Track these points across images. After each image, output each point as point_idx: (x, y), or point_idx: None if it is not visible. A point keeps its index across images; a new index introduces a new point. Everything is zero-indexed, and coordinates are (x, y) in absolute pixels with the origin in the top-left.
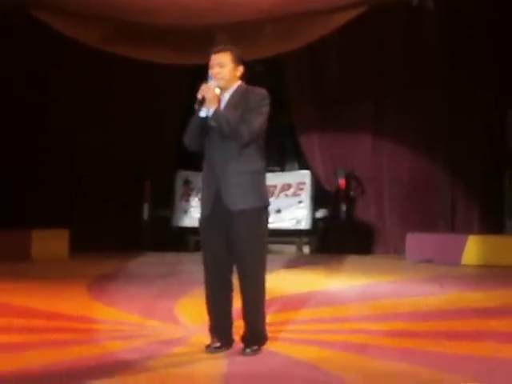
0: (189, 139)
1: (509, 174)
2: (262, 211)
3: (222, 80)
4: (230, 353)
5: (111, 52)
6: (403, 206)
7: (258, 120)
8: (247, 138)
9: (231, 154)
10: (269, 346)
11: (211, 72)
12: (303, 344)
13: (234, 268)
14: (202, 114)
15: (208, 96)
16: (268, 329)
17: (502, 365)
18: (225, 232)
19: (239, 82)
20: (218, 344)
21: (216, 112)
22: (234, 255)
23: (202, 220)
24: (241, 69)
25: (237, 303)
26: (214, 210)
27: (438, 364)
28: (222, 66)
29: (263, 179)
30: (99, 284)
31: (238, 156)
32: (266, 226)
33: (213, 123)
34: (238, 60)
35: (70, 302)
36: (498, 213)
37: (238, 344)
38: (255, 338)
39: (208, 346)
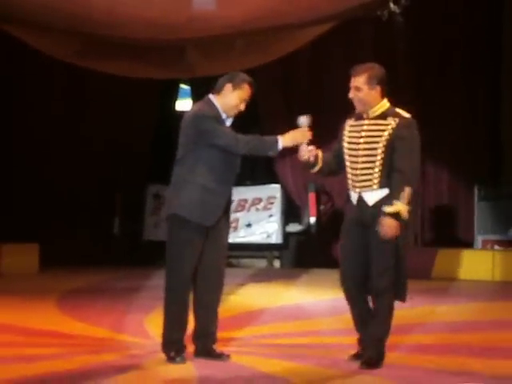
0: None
1: (478, 188)
2: None
3: None
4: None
5: (81, 66)
6: None
7: None
8: None
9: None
10: (238, 360)
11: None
12: (274, 358)
13: None
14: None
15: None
16: (238, 343)
17: (473, 379)
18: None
19: None
20: (182, 353)
21: None
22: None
23: (202, 229)
24: None
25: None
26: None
27: (408, 378)
28: None
29: None
30: (69, 298)
31: None
32: None
33: None
34: None
35: (39, 317)
36: (468, 228)
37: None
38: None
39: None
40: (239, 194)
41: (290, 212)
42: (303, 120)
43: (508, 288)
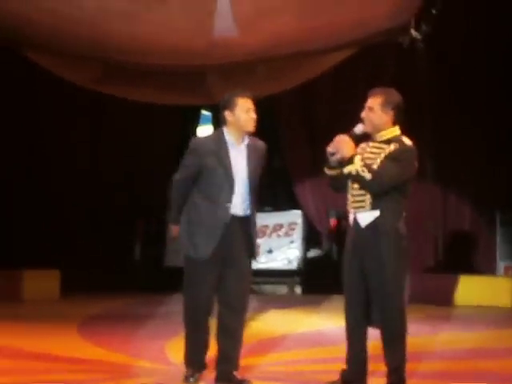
0: None
1: (500, 214)
2: None
3: None
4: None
5: (102, 92)
6: None
7: None
8: None
9: None
10: None
11: None
12: None
13: None
14: None
15: None
16: (260, 369)
17: None
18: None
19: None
20: (198, 374)
21: None
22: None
23: (204, 261)
24: None
25: None
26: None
27: None
28: None
29: None
30: (90, 324)
31: None
32: None
33: None
34: None
35: (60, 343)
36: (490, 254)
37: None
38: None
39: (188, 378)
40: (260, 219)
41: (311, 238)
42: (360, 127)
43: None
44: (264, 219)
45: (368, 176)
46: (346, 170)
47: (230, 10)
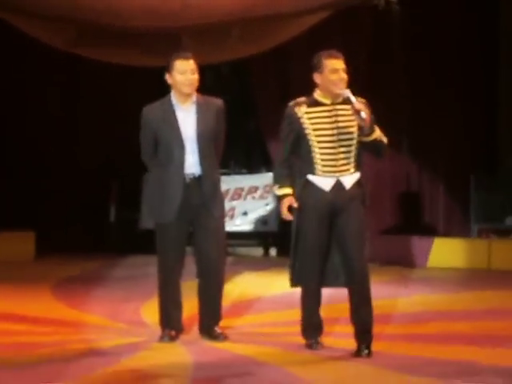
0: None
1: (475, 177)
2: None
3: None
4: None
5: (77, 53)
6: (370, 208)
7: None
8: None
9: None
10: (234, 349)
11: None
12: (266, 345)
13: None
14: None
15: None
16: (235, 331)
17: (467, 367)
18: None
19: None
20: (173, 333)
21: None
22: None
23: (167, 225)
24: None
25: None
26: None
27: (403, 366)
28: None
29: None
30: (65, 286)
31: None
32: None
33: None
34: None
35: (35, 305)
36: (465, 216)
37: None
38: None
39: (163, 337)
40: (235, 182)
41: None
42: (348, 91)
43: (504, 277)
44: (239, 181)
45: (386, 141)
46: (374, 136)
47: None
